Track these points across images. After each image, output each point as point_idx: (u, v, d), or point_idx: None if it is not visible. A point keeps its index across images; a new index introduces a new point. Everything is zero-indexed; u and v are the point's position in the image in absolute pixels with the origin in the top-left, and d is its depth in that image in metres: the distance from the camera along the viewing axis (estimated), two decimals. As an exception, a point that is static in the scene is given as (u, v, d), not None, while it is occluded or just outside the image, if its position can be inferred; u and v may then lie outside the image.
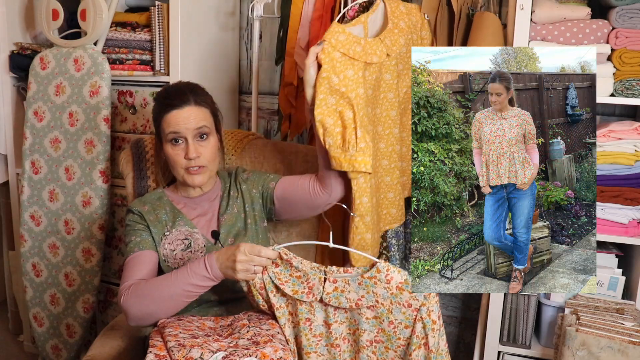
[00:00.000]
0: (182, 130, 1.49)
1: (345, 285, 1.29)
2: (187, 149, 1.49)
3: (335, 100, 1.41)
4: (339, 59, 1.41)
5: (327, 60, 1.39)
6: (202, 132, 1.50)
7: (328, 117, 1.41)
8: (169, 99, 1.52)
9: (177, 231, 1.52)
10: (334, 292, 1.29)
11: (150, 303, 1.33)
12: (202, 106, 1.53)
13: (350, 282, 1.29)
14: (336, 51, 1.41)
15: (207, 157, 1.52)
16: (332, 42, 1.41)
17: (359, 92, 1.44)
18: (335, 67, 1.40)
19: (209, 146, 1.52)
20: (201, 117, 1.51)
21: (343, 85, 1.41)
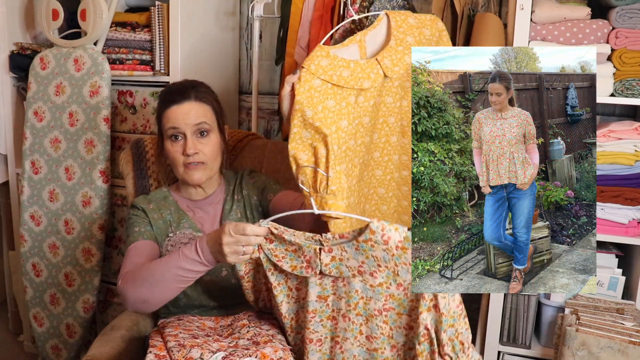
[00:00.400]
0: (181, 126, 1.46)
1: (343, 253, 1.19)
2: (185, 144, 1.46)
3: (310, 134, 1.29)
4: (318, 87, 1.28)
5: (302, 90, 1.27)
6: (202, 128, 1.48)
7: (302, 152, 1.30)
8: (170, 95, 1.51)
9: (180, 233, 1.51)
10: (332, 262, 1.20)
11: (144, 287, 1.28)
12: (203, 102, 1.50)
13: (347, 249, 1.19)
14: (316, 78, 1.28)
15: (207, 154, 1.48)
16: (312, 68, 1.29)
17: (340, 124, 1.31)
18: (312, 98, 1.27)
19: (210, 144, 1.49)
20: (201, 113, 1.48)
21: (318, 119, 1.28)
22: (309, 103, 1.27)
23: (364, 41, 1.43)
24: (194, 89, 1.51)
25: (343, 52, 1.37)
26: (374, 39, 1.46)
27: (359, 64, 1.36)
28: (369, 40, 1.45)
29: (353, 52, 1.41)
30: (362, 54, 1.43)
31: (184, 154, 1.47)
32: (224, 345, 1.25)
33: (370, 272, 1.19)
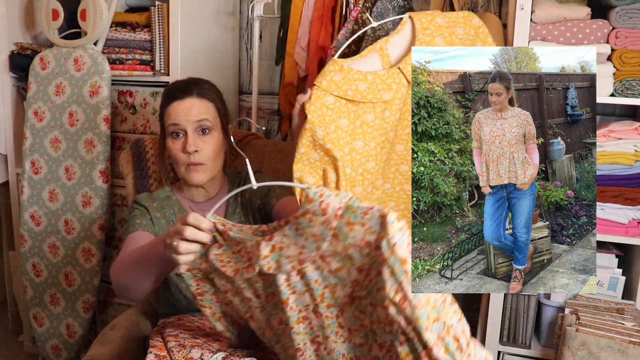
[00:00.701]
0: (182, 122, 1.43)
1: (284, 239, 0.98)
2: (185, 142, 1.43)
3: (319, 155, 1.19)
4: (331, 105, 1.18)
5: (313, 109, 1.17)
6: (204, 125, 1.44)
7: (309, 174, 1.22)
8: (172, 91, 1.48)
9: None
10: (271, 253, 0.99)
11: (126, 274, 1.24)
12: (206, 99, 1.47)
13: (288, 232, 0.98)
14: (328, 95, 1.18)
15: (208, 153, 1.44)
16: (323, 84, 1.19)
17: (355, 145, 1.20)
18: (324, 117, 1.17)
19: (211, 142, 1.45)
20: (203, 110, 1.45)
21: (329, 140, 1.17)
22: (321, 122, 1.17)
23: (386, 49, 1.32)
24: (197, 85, 1.48)
25: (360, 64, 1.26)
26: (399, 45, 1.34)
27: (378, 75, 1.25)
28: (392, 48, 1.33)
29: (373, 63, 1.30)
30: (384, 63, 1.31)
31: (184, 151, 1.43)
32: (224, 345, 1.25)
33: (312, 258, 0.97)
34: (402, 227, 0.90)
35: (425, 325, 0.92)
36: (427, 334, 0.92)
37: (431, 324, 0.93)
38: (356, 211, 0.92)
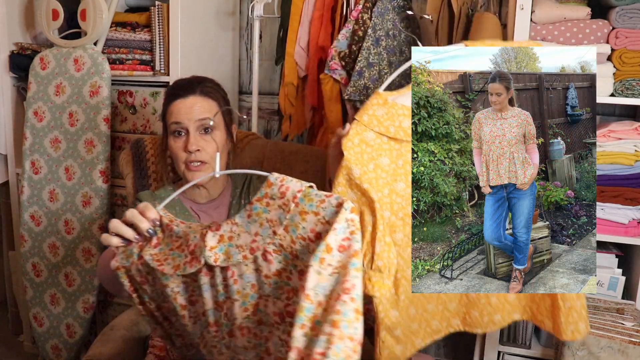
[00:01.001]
0: (183, 121, 1.40)
1: (233, 228, 0.92)
2: (187, 140, 1.40)
3: (356, 196, 1.08)
4: (371, 141, 1.07)
5: (350, 145, 1.06)
6: (206, 124, 1.41)
7: None
8: (175, 89, 1.46)
9: None
10: (219, 244, 0.92)
11: (102, 269, 1.23)
12: (209, 97, 1.44)
13: (238, 220, 0.92)
14: (369, 131, 1.08)
15: (210, 153, 1.41)
16: (364, 119, 1.08)
17: (396, 187, 1.10)
18: (362, 154, 1.06)
19: (214, 142, 1.42)
20: (206, 108, 1.42)
21: (367, 180, 1.06)
22: (358, 160, 1.06)
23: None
24: (200, 84, 1.46)
25: (406, 98, 1.17)
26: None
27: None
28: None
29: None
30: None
31: (185, 150, 1.41)
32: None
33: (264, 246, 0.90)
34: (352, 219, 0.84)
35: (302, 323, 0.83)
36: (298, 332, 0.83)
37: (308, 329, 0.84)
38: (313, 199, 0.87)
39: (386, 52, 1.79)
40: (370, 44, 1.73)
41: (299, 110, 2.09)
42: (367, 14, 1.74)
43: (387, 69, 1.79)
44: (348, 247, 0.83)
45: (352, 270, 0.82)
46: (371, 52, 1.73)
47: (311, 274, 0.82)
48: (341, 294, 0.81)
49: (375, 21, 1.74)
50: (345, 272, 0.82)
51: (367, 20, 1.74)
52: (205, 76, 1.53)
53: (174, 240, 0.98)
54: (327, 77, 1.77)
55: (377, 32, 1.75)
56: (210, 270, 0.95)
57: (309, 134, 2.18)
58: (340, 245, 0.83)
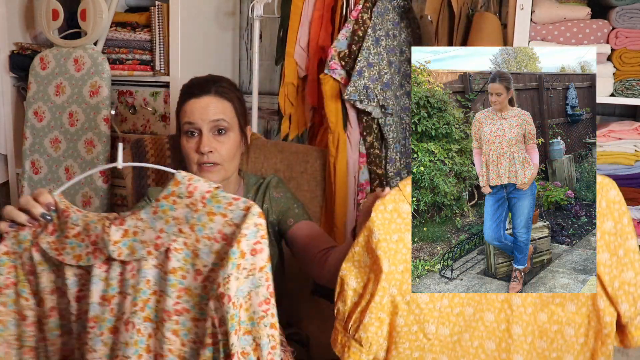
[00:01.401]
0: (197, 121, 1.38)
1: (138, 223, 0.93)
2: (200, 141, 1.38)
3: (370, 261, 1.03)
4: (404, 214, 1.02)
5: (382, 209, 1.01)
6: (220, 126, 1.39)
7: (353, 276, 1.04)
8: (190, 88, 1.44)
9: None
10: (123, 238, 0.93)
11: None
12: (224, 98, 1.42)
13: (143, 216, 0.93)
14: (406, 203, 1.02)
15: (223, 154, 1.40)
16: (407, 190, 1.03)
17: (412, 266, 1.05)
18: (390, 222, 1.01)
19: (227, 142, 1.40)
20: (220, 109, 1.40)
21: (382, 248, 1.00)
22: (383, 226, 1.01)
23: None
24: (215, 83, 1.43)
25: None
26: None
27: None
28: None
29: None
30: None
31: (197, 151, 1.39)
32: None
33: (168, 243, 0.91)
34: (260, 224, 0.88)
35: (235, 328, 0.87)
36: (234, 337, 0.87)
37: (241, 332, 0.88)
38: (220, 201, 0.90)
39: (386, 52, 1.79)
40: (370, 44, 1.73)
41: (299, 110, 2.09)
42: (367, 14, 1.74)
43: (387, 68, 1.79)
44: (260, 251, 0.88)
45: (270, 274, 0.89)
46: (371, 52, 1.73)
47: (232, 282, 0.85)
48: (270, 298, 0.89)
49: (375, 21, 1.74)
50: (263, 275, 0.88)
51: (367, 20, 1.74)
52: (222, 75, 1.50)
53: (69, 228, 0.96)
54: (327, 77, 1.77)
55: (377, 32, 1.75)
56: (106, 263, 0.95)
57: (309, 134, 2.18)
58: (252, 249, 0.87)
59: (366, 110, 1.74)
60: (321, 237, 1.39)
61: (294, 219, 1.44)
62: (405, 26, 1.91)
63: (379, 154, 1.80)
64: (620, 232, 1.13)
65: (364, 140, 1.80)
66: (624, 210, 1.15)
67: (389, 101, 1.77)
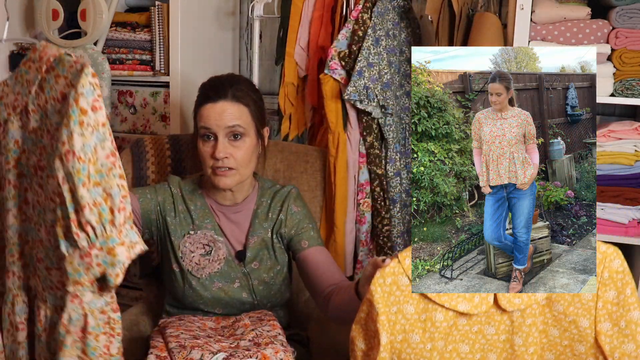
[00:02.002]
0: (212, 126, 1.39)
1: (4, 88, 1.05)
2: (215, 146, 1.39)
3: (373, 329, 1.08)
4: (403, 286, 1.05)
5: (381, 282, 1.04)
6: (236, 131, 1.40)
7: (362, 339, 1.09)
8: (207, 90, 1.44)
9: (202, 233, 1.46)
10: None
11: None
12: (240, 103, 1.41)
13: (9, 82, 1.04)
14: (405, 276, 1.05)
15: (239, 159, 1.40)
16: (405, 263, 1.05)
17: (410, 338, 1.06)
18: (389, 295, 1.05)
19: (243, 148, 1.41)
20: (236, 114, 1.40)
21: (381, 322, 1.04)
22: (383, 299, 1.04)
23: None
24: (232, 86, 1.42)
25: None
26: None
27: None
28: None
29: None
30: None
31: (213, 156, 1.39)
32: (225, 346, 1.25)
33: (24, 106, 0.98)
34: (95, 83, 0.91)
35: (83, 181, 0.91)
36: (83, 190, 0.91)
37: (90, 185, 0.92)
38: (65, 65, 0.95)
39: (386, 52, 1.79)
40: (370, 44, 1.73)
41: (299, 110, 2.09)
42: (367, 14, 1.74)
43: (387, 68, 1.79)
44: (100, 108, 0.92)
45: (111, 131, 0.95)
46: (371, 52, 1.73)
47: (76, 138, 0.90)
48: (115, 152, 0.94)
49: (375, 21, 1.74)
50: (106, 130, 0.93)
51: (367, 20, 1.74)
52: (240, 76, 1.51)
53: None
54: (327, 77, 1.76)
55: (377, 32, 1.75)
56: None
57: (309, 134, 2.18)
58: (93, 106, 0.91)
59: (366, 110, 1.75)
60: (330, 269, 1.43)
61: (309, 242, 1.47)
62: (405, 26, 1.91)
63: (379, 154, 1.80)
64: (623, 302, 1.11)
65: (364, 140, 1.80)
66: (628, 281, 1.13)
67: (389, 101, 1.77)
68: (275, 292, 1.50)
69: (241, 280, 1.47)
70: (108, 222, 0.93)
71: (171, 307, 1.54)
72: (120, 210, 0.94)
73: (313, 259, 1.45)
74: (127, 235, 0.95)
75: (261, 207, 1.52)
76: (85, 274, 0.95)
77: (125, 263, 0.95)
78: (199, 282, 1.45)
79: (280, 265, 1.51)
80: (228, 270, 1.47)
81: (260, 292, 1.48)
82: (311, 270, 1.44)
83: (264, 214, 1.51)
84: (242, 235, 1.51)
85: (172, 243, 1.47)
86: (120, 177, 0.94)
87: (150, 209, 1.47)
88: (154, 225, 1.49)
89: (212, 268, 1.45)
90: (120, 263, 0.95)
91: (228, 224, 1.51)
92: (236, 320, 1.40)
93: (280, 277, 1.51)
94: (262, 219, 1.51)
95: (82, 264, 0.94)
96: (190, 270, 1.44)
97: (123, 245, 0.95)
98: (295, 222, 1.50)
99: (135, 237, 0.97)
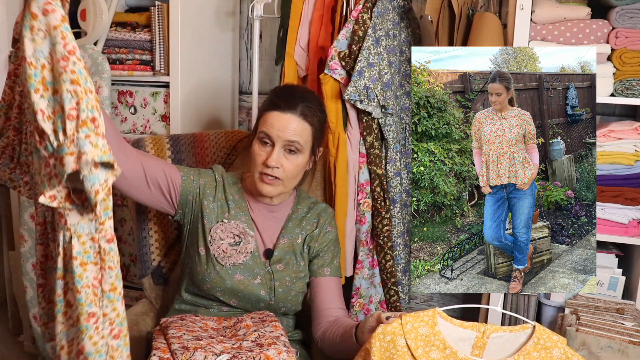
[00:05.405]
0: (273, 135, 1.41)
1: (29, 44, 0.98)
2: (270, 154, 1.41)
3: None
4: (399, 346, 1.14)
5: (381, 337, 1.14)
6: (293, 147, 1.42)
7: None
8: (279, 98, 1.46)
9: (234, 223, 1.48)
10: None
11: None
12: (306, 121, 1.44)
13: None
14: (403, 338, 1.14)
15: (287, 172, 1.43)
16: (407, 327, 1.14)
17: None
18: (386, 351, 1.14)
19: (295, 162, 1.44)
20: (299, 131, 1.42)
21: None
22: (379, 352, 1.14)
23: (487, 336, 1.18)
24: (304, 102, 1.44)
25: (451, 331, 1.18)
26: (502, 344, 1.18)
27: (458, 358, 1.14)
28: (494, 342, 1.18)
29: (465, 339, 1.18)
30: (475, 347, 1.18)
31: (264, 163, 1.42)
32: (227, 346, 1.25)
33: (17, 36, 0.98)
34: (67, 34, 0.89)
35: (35, 87, 0.89)
36: (35, 96, 0.89)
37: (43, 91, 0.89)
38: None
39: (386, 52, 1.79)
40: (371, 44, 1.73)
41: (299, 110, 2.09)
42: (367, 14, 1.74)
43: (387, 68, 1.79)
44: (52, 11, 0.88)
45: (67, 34, 0.89)
46: (371, 52, 1.73)
47: (26, 43, 0.87)
48: (68, 56, 0.89)
49: (375, 21, 1.74)
50: (58, 33, 0.88)
51: (367, 20, 1.74)
52: (313, 92, 1.53)
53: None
54: (327, 77, 1.76)
55: (377, 32, 1.75)
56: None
57: (309, 134, 2.18)
58: (44, 9, 0.88)
59: (366, 110, 1.75)
60: (338, 302, 1.50)
61: (330, 270, 1.52)
62: (405, 26, 1.91)
63: (379, 154, 1.80)
64: None
65: (364, 140, 1.80)
66: None
67: (389, 101, 1.77)
68: (292, 297, 1.52)
69: (263, 278, 1.48)
70: (61, 130, 0.89)
71: (187, 293, 1.53)
72: (71, 118, 0.89)
73: (327, 287, 1.51)
74: (76, 145, 0.89)
75: (296, 213, 1.55)
76: (47, 184, 0.90)
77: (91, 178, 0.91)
78: (222, 269, 1.46)
79: (303, 273, 1.53)
80: (252, 265, 1.48)
81: (279, 294, 1.49)
82: (321, 296, 1.50)
83: (299, 219, 1.54)
84: (274, 235, 1.53)
85: (204, 226, 1.47)
86: (72, 82, 0.88)
87: (189, 190, 1.48)
88: (189, 207, 1.49)
89: (237, 259, 1.45)
90: (65, 174, 0.89)
91: (262, 221, 1.53)
92: (238, 321, 1.40)
93: (300, 285, 1.53)
94: (296, 224, 1.54)
95: (46, 174, 0.91)
96: (216, 256, 1.45)
97: (72, 156, 0.89)
98: (326, 243, 1.54)
99: (89, 147, 0.89)
